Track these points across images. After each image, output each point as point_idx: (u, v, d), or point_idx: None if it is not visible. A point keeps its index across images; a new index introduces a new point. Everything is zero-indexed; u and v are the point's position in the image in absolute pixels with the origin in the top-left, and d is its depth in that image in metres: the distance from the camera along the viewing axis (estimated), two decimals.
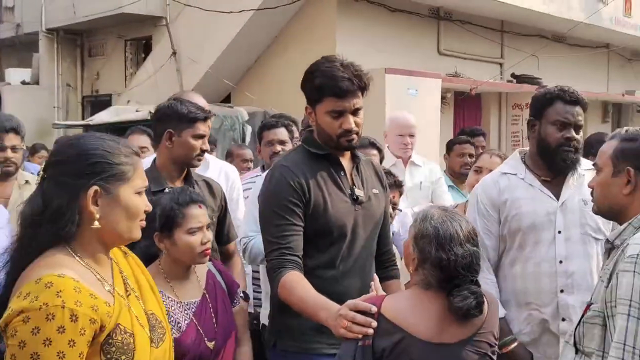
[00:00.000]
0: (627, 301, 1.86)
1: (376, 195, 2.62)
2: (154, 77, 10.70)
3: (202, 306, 2.39)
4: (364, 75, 2.42)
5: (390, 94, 8.74)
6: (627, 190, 2.07)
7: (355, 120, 2.42)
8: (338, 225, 2.44)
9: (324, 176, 2.47)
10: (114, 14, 11.33)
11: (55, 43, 13.28)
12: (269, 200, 2.43)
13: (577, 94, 2.81)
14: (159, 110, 2.85)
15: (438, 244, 1.98)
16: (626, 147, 2.10)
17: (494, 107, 12.13)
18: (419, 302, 2.02)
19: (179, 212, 2.33)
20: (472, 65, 11.28)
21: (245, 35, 9.58)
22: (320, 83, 2.38)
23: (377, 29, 9.85)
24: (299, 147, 2.62)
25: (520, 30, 12.04)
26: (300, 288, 2.24)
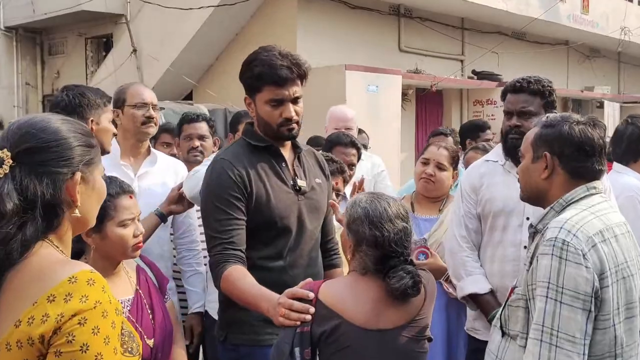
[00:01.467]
0: (545, 283, 1.91)
1: (319, 185, 2.62)
2: (114, 75, 10.59)
3: (136, 303, 2.27)
4: (302, 64, 2.43)
5: (351, 91, 8.78)
6: (545, 174, 2.10)
7: (295, 109, 2.42)
8: (282, 217, 2.43)
9: (265, 168, 2.45)
10: (74, 12, 11.19)
11: (14, 41, 13.06)
12: (210, 195, 2.40)
13: (523, 81, 2.87)
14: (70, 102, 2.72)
15: (370, 222, 2.04)
16: (544, 132, 2.13)
17: (455, 103, 12.27)
18: (356, 287, 2.05)
19: (110, 204, 2.17)
20: (433, 62, 11.39)
21: (205, 33, 9.54)
22: (260, 72, 2.37)
23: (338, 26, 9.89)
24: (239, 139, 2.59)
25: (481, 28, 12.20)
26: (242, 281, 2.23)
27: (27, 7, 12.07)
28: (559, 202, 2.08)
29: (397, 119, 9.46)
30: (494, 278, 2.88)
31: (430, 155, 3.46)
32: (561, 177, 2.09)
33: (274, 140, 2.48)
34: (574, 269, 1.89)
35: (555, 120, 2.13)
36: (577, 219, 1.98)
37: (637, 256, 2.09)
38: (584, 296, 1.89)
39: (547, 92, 2.85)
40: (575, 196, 2.07)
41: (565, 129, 2.08)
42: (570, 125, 2.08)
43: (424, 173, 3.41)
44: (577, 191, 2.07)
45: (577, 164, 2.07)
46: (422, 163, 3.47)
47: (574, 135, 2.06)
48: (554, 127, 2.11)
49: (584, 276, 1.89)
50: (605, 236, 1.98)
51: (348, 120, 4.48)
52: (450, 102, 12.26)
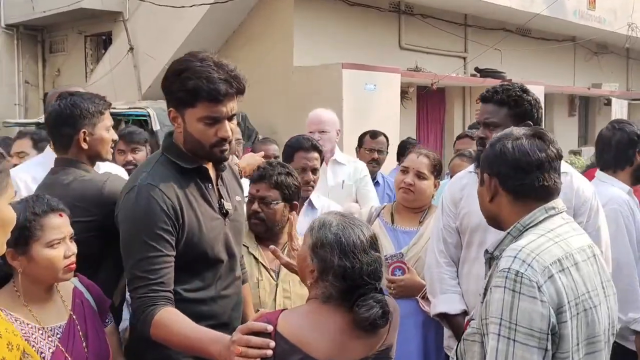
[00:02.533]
0: (498, 319, 1.75)
1: (239, 203, 2.43)
2: (111, 74, 10.52)
3: (69, 330, 2.08)
4: (241, 77, 2.16)
5: (348, 90, 8.65)
6: (488, 197, 1.98)
7: (231, 127, 2.17)
8: (212, 248, 2.23)
9: (194, 193, 2.21)
10: (72, 10, 11.12)
11: (15, 39, 13.02)
12: (137, 227, 2.09)
13: (491, 91, 2.72)
14: (61, 113, 2.54)
15: (341, 251, 1.85)
16: (485, 153, 2.00)
17: (457, 101, 12.10)
18: (318, 317, 1.88)
19: (35, 224, 2.01)
20: (434, 59, 11.22)
21: (201, 32, 9.43)
22: (195, 86, 2.05)
23: (336, 23, 9.74)
24: (160, 156, 2.25)
25: (484, 24, 12.01)
26: (179, 324, 1.99)
27: (27, 4, 12.01)
28: (516, 227, 1.91)
29: (395, 118, 9.31)
30: (470, 296, 2.75)
31: (410, 163, 3.30)
32: (505, 198, 1.94)
33: (202, 159, 2.22)
34: (528, 304, 1.72)
35: (495, 139, 1.99)
36: (533, 246, 1.81)
37: (603, 282, 1.91)
38: (540, 333, 1.72)
39: (512, 102, 2.66)
40: (533, 219, 1.89)
41: (497, 148, 1.94)
42: (504, 142, 1.93)
43: (402, 182, 3.26)
44: (535, 214, 1.90)
45: (516, 183, 1.91)
46: (401, 171, 3.32)
47: (507, 153, 1.91)
48: (492, 146, 1.97)
49: (539, 311, 1.72)
50: (564, 265, 1.80)
51: (322, 122, 4.31)
52: (453, 100, 12.08)
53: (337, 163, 4.31)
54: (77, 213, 2.30)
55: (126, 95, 10.08)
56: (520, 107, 2.66)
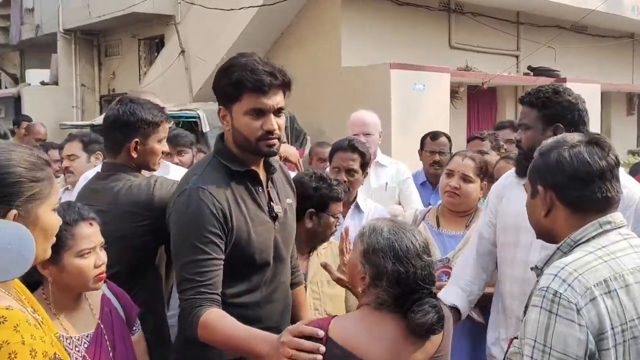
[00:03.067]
0: (532, 341, 1.65)
1: (290, 206, 2.39)
2: (163, 77, 10.73)
3: (96, 340, 2.07)
4: (287, 72, 2.16)
5: (396, 90, 8.58)
6: (543, 211, 1.83)
7: (277, 122, 2.15)
8: (261, 252, 2.22)
9: (244, 197, 2.21)
10: (126, 14, 11.38)
11: (72, 44, 13.42)
12: (186, 230, 2.10)
13: (526, 93, 2.66)
14: (118, 118, 2.56)
15: (395, 257, 1.83)
16: (537, 163, 1.86)
17: (509, 101, 11.85)
18: (371, 323, 1.85)
19: (66, 233, 1.99)
20: (485, 58, 11.03)
21: (250, 34, 9.52)
22: (239, 77, 2.08)
23: (384, 23, 9.68)
24: (212, 159, 2.25)
25: (537, 21, 11.74)
26: (226, 324, 1.99)
27: (84, 9, 12.37)
28: (566, 242, 1.78)
29: (445, 119, 9.19)
30: (505, 299, 2.71)
31: (455, 166, 3.23)
32: (562, 211, 1.80)
33: (252, 155, 2.21)
34: (564, 327, 1.61)
35: (546, 147, 1.85)
36: (578, 264, 1.68)
37: None
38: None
39: (540, 103, 2.57)
40: (585, 235, 1.76)
41: (553, 157, 1.80)
42: (559, 151, 1.79)
43: (448, 186, 3.20)
44: (588, 229, 1.76)
45: (574, 194, 1.77)
46: (446, 175, 3.27)
47: (564, 162, 1.77)
48: (544, 155, 1.84)
49: (575, 336, 1.60)
50: (610, 287, 1.65)
51: (365, 125, 4.25)
52: (505, 99, 11.85)
53: (379, 165, 4.27)
54: (132, 219, 2.35)
55: (178, 97, 10.26)
56: (549, 109, 2.56)
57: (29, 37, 14.67)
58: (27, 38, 14.76)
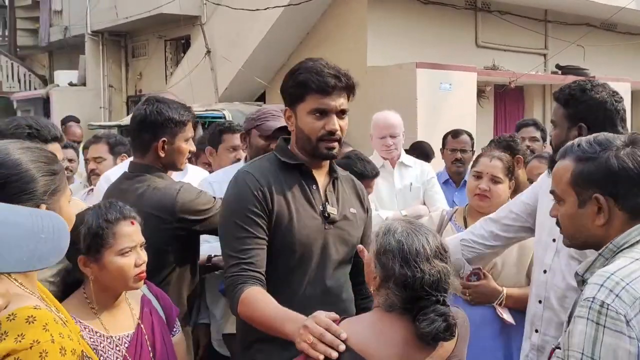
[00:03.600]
0: (579, 354, 1.58)
1: (354, 216, 2.35)
2: (189, 77, 10.79)
3: (136, 340, 2.06)
4: (351, 76, 2.23)
5: (422, 90, 8.53)
6: (600, 221, 1.72)
7: (340, 124, 2.21)
8: (303, 243, 2.20)
9: (292, 188, 2.24)
10: (153, 15, 11.47)
11: (100, 45, 13.59)
12: (230, 210, 2.21)
13: (559, 90, 2.58)
14: (145, 118, 2.59)
15: (402, 259, 1.78)
16: (585, 169, 1.73)
17: (537, 100, 11.71)
18: (381, 327, 1.82)
19: (108, 231, 2.00)
20: (513, 57, 10.91)
21: (276, 33, 9.53)
22: (304, 78, 2.17)
23: (410, 22, 9.63)
24: (270, 154, 2.37)
25: (566, 19, 11.58)
26: (262, 302, 2.03)
27: (111, 11, 12.50)
28: (608, 248, 1.70)
29: (472, 118, 9.10)
30: (530, 301, 2.66)
31: (483, 168, 3.16)
32: (620, 219, 1.70)
33: (311, 158, 2.26)
34: (613, 339, 1.53)
35: (593, 151, 1.73)
36: (624, 273, 1.59)
37: None
38: None
39: (564, 101, 2.50)
40: (628, 240, 1.67)
41: (612, 162, 1.69)
42: (615, 154, 1.69)
43: (477, 188, 3.14)
44: (631, 233, 1.67)
45: (637, 200, 1.68)
46: (474, 177, 3.20)
47: (627, 167, 1.67)
48: (594, 160, 1.71)
49: (626, 348, 1.52)
50: None
51: (391, 127, 4.20)
52: (532, 98, 11.71)
53: (403, 165, 4.26)
54: (154, 222, 2.36)
55: (204, 97, 10.32)
56: (573, 108, 2.47)
57: (57, 39, 14.88)
58: (55, 40, 14.98)
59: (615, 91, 2.55)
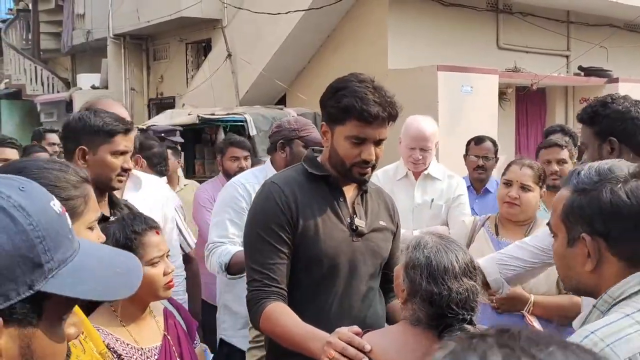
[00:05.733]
0: None
1: (384, 228, 2.34)
2: (209, 80, 10.83)
3: (165, 351, 2.09)
4: (395, 104, 2.18)
5: (443, 92, 8.48)
6: (588, 266, 1.45)
7: (376, 152, 2.19)
8: (330, 256, 2.18)
9: (319, 199, 2.22)
10: (174, 18, 11.53)
11: (122, 48, 13.68)
12: (254, 221, 2.21)
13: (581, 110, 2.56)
14: (68, 124, 2.44)
15: (430, 275, 1.77)
16: (577, 202, 1.46)
17: (560, 102, 11.60)
18: (407, 340, 1.82)
19: (136, 242, 2.02)
20: (535, 58, 10.81)
21: (297, 37, 9.54)
22: (348, 104, 2.11)
23: (431, 25, 9.59)
24: (298, 165, 2.36)
25: (588, 20, 11.46)
26: (286, 317, 2.03)
27: (133, 14, 12.59)
28: (603, 299, 1.44)
29: (493, 121, 9.04)
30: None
31: (513, 176, 3.17)
32: (614, 266, 1.43)
33: (341, 176, 2.25)
34: None
35: (589, 181, 1.45)
36: (608, 331, 1.34)
37: None
38: None
39: (588, 119, 2.46)
40: (625, 289, 1.40)
41: (604, 197, 1.41)
42: (612, 187, 1.41)
43: (507, 196, 3.14)
44: (629, 282, 1.39)
45: (634, 245, 1.40)
46: (504, 185, 3.21)
47: (622, 204, 1.39)
48: (588, 192, 1.44)
49: None
50: None
51: (425, 139, 3.71)
52: (555, 100, 11.59)
53: (429, 178, 3.79)
54: None
55: (224, 101, 10.36)
56: (598, 124, 2.44)
57: (80, 42, 15.01)
58: (78, 43, 15.11)
59: (638, 100, 2.53)
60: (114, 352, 1.93)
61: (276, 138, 3.38)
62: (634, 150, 2.41)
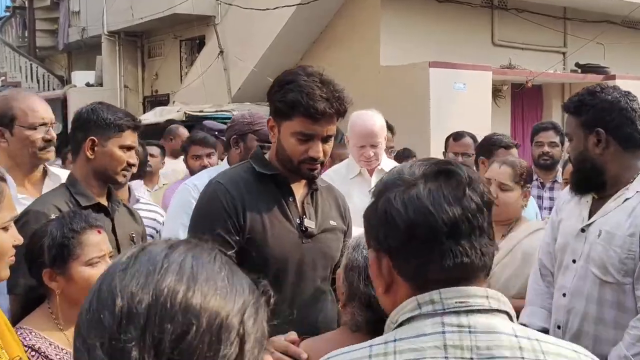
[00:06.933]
0: None
1: (334, 228, 2.26)
2: (202, 77, 10.76)
3: None
4: (345, 98, 2.08)
5: (435, 90, 8.39)
6: (381, 287, 1.22)
7: (324, 148, 2.12)
8: (278, 259, 2.09)
9: (267, 200, 2.14)
10: (167, 15, 11.46)
11: (116, 45, 13.63)
12: (198, 224, 2.14)
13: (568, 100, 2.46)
14: (80, 115, 2.43)
15: (368, 277, 1.63)
16: (366, 212, 1.22)
17: (556, 99, 11.47)
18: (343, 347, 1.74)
19: (74, 241, 1.91)
20: (531, 55, 10.70)
21: (288, 34, 9.45)
22: (294, 99, 2.03)
23: (425, 21, 9.49)
24: (245, 163, 2.27)
25: (585, 17, 11.34)
26: None
27: (127, 11, 12.52)
28: (387, 324, 1.21)
29: (487, 118, 8.94)
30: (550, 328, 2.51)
31: (491, 174, 3.06)
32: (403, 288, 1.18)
33: (291, 174, 2.17)
34: None
35: (376, 188, 1.22)
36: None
37: None
38: None
39: (574, 109, 2.37)
40: (400, 316, 1.16)
41: (381, 206, 1.18)
42: (389, 196, 1.16)
43: None
44: (405, 307, 1.15)
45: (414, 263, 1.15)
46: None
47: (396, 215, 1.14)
48: (374, 203, 1.21)
49: None
50: None
51: (373, 136, 3.48)
52: (551, 98, 11.48)
53: (383, 173, 3.44)
54: None
55: (217, 97, 10.28)
56: (585, 114, 2.32)
57: (75, 40, 14.95)
58: (73, 40, 15.05)
59: (627, 91, 2.39)
60: (45, 357, 1.83)
61: (230, 133, 3.27)
62: (621, 143, 2.31)
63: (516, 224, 3.04)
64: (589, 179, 2.36)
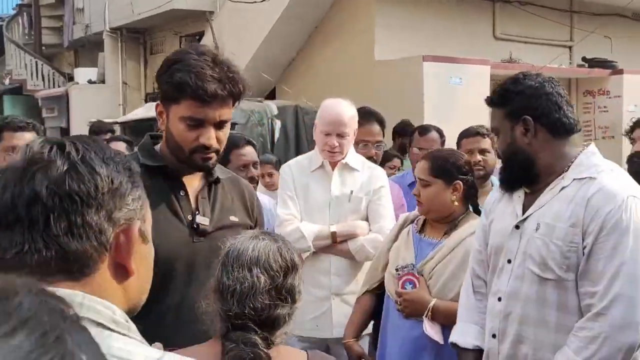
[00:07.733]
0: None
1: (234, 225, 2.06)
2: None
3: None
4: (240, 80, 1.91)
5: (430, 84, 8.15)
6: None
7: (217, 135, 1.93)
8: (164, 261, 1.84)
9: (153, 195, 1.88)
10: (166, 11, 11.35)
11: (119, 42, 13.56)
12: None
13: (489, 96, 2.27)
14: None
15: (222, 263, 1.62)
16: None
17: None
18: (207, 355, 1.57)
19: None
20: (535, 49, 10.41)
21: (282, 28, 9.28)
22: (181, 79, 1.84)
23: (423, 14, 9.24)
24: (133, 154, 2.08)
25: (593, 10, 11.00)
26: None
27: (128, 7, 12.44)
28: None
29: (485, 113, 8.61)
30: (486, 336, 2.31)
31: (416, 171, 2.95)
32: None
33: (182, 164, 1.98)
34: None
35: None
36: None
37: None
38: None
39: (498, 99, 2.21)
40: None
41: None
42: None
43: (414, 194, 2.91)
44: None
45: None
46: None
47: None
48: None
49: None
50: None
51: (341, 124, 3.20)
52: None
53: (348, 168, 3.31)
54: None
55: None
56: (510, 104, 2.16)
57: (79, 37, 14.92)
58: (78, 37, 15.02)
59: (551, 77, 2.23)
60: None
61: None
62: (550, 131, 2.15)
63: (463, 221, 2.81)
64: (521, 171, 2.18)
